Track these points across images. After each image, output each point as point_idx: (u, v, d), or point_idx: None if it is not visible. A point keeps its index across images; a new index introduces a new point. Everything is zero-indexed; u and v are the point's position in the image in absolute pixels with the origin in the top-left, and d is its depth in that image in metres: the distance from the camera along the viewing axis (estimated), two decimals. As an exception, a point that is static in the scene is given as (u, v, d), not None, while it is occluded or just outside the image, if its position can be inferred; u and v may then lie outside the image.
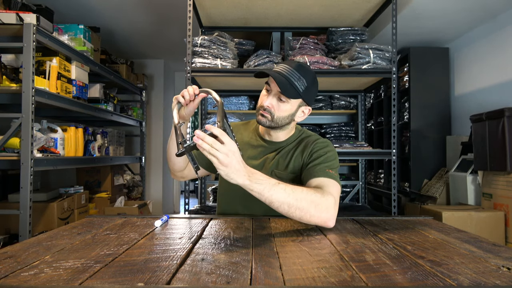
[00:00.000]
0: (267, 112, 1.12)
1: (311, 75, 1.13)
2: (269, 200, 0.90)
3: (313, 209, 0.93)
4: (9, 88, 2.05)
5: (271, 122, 1.14)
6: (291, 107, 1.13)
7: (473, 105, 3.09)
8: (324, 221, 0.95)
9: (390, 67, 2.33)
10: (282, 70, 1.10)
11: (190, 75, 2.26)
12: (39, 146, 2.13)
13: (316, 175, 1.06)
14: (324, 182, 1.04)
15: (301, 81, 1.09)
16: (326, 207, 0.94)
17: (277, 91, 1.09)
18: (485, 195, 2.54)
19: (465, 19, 2.86)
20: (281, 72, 1.09)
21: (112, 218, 1.15)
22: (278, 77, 1.07)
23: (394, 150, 2.29)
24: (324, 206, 0.94)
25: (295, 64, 1.11)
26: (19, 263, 0.67)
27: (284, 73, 1.09)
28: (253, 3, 2.39)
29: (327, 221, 0.95)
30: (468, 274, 0.61)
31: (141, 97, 4.24)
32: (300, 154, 1.18)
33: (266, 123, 1.14)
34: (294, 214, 0.93)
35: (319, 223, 0.95)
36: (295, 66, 1.10)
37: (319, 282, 0.57)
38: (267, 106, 1.11)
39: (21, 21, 2.02)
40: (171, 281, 0.58)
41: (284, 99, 1.10)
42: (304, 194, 0.93)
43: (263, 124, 1.15)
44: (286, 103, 1.11)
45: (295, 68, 1.10)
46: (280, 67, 1.12)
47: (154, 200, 4.62)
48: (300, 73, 1.09)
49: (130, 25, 3.52)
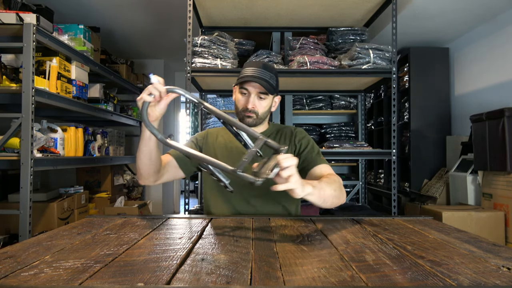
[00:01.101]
0: (252, 113, 1.25)
1: (274, 69, 1.30)
2: (324, 197, 0.99)
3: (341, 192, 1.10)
4: (9, 88, 2.05)
5: (257, 120, 1.27)
6: (268, 101, 1.28)
7: (473, 105, 3.09)
8: (344, 199, 1.12)
9: (390, 67, 2.33)
10: (258, 73, 1.23)
11: (190, 75, 2.26)
12: (39, 146, 2.13)
13: (316, 163, 1.22)
14: (325, 168, 1.20)
15: (272, 77, 1.25)
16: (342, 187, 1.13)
17: (257, 92, 1.24)
18: (485, 195, 2.54)
19: (465, 19, 2.86)
20: (258, 76, 1.22)
21: (112, 218, 1.15)
22: (259, 80, 1.21)
23: (394, 150, 2.29)
24: (342, 187, 1.12)
25: (261, 64, 1.26)
26: (19, 263, 0.67)
27: (261, 75, 1.22)
28: (253, 3, 2.39)
29: (345, 198, 1.13)
30: (468, 274, 0.61)
31: (141, 97, 4.23)
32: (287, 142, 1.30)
33: (253, 122, 1.27)
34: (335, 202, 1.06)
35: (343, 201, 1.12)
36: (263, 66, 1.25)
37: (319, 282, 0.57)
38: (252, 108, 1.25)
39: (21, 21, 2.02)
40: (171, 281, 0.58)
41: (263, 96, 1.25)
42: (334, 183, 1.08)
43: (250, 124, 1.27)
44: (266, 100, 1.26)
45: (264, 68, 1.25)
46: (253, 70, 1.24)
47: (154, 200, 4.61)
48: (268, 71, 1.25)
49: (130, 25, 3.52)
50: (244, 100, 1.26)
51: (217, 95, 3.19)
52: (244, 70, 1.27)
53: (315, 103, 3.28)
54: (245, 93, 1.26)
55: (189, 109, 2.29)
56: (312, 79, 2.49)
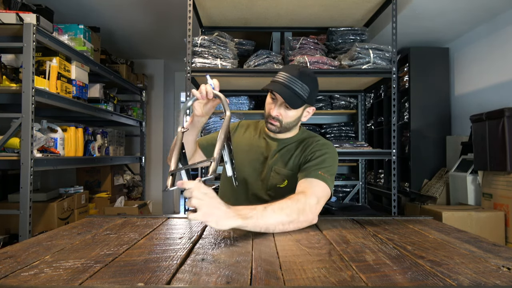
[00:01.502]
0: (276, 120, 1.18)
1: (312, 79, 1.17)
2: (265, 227, 0.91)
3: (301, 216, 0.96)
4: (9, 88, 2.05)
5: (281, 128, 1.20)
6: (297, 112, 1.18)
7: (473, 105, 3.09)
8: (310, 221, 1.00)
9: (390, 67, 2.32)
10: (285, 81, 1.13)
11: (190, 75, 2.26)
12: (39, 146, 2.13)
13: (308, 175, 1.09)
14: (311, 182, 1.07)
15: (304, 88, 1.14)
16: (309, 208, 0.98)
17: (283, 101, 1.13)
18: (485, 195, 2.54)
19: (465, 19, 2.86)
20: (285, 83, 1.13)
21: (112, 218, 1.15)
22: (283, 91, 1.12)
23: (394, 150, 2.29)
24: (308, 208, 0.98)
25: (297, 71, 1.15)
26: (19, 263, 0.67)
27: (287, 84, 1.13)
28: (253, 3, 2.39)
29: (312, 221, 1.00)
30: (468, 274, 0.61)
31: (141, 97, 4.24)
32: (300, 153, 1.22)
33: (276, 129, 1.20)
34: (288, 228, 0.95)
35: (306, 225, 0.99)
36: (297, 74, 1.14)
37: (319, 282, 0.57)
38: (276, 116, 1.17)
39: (21, 21, 2.02)
40: (171, 281, 0.58)
41: None
42: (290, 206, 0.95)
43: (273, 131, 1.22)
44: (293, 110, 1.16)
45: (297, 76, 1.13)
46: (283, 76, 1.15)
47: (154, 200, 4.61)
48: (302, 80, 1.14)
49: (130, 25, 3.52)
50: (271, 106, 1.18)
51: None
52: (277, 74, 1.18)
53: (315, 104, 3.27)
54: (274, 98, 1.18)
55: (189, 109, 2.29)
56: (312, 79, 2.49)
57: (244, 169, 1.26)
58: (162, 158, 4.79)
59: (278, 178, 1.22)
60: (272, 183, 1.22)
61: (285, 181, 1.21)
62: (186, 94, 2.26)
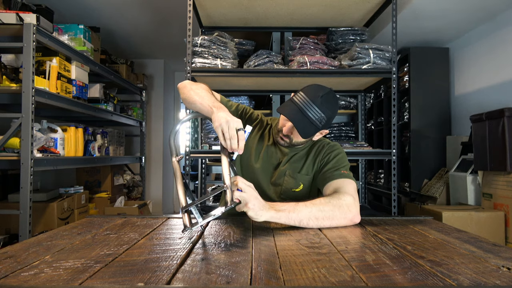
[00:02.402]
0: (286, 137, 1.17)
1: (333, 107, 1.11)
2: (298, 220, 0.95)
3: (337, 212, 0.98)
4: (9, 88, 2.05)
5: (290, 145, 1.20)
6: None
7: (473, 105, 3.09)
8: (350, 219, 1.01)
9: (390, 67, 2.32)
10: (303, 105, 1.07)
11: (190, 75, 2.26)
12: (39, 146, 2.13)
13: (332, 178, 1.12)
14: (339, 183, 1.09)
15: (321, 117, 1.08)
16: (347, 206, 1.00)
17: None
18: (485, 195, 2.54)
19: (465, 19, 2.86)
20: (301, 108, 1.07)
21: (112, 218, 1.15)
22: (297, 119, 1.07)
23: (394, 150, 2.29)
24: (345, 206, 1.00)
25: (319, 98, 1.08)
26: (19, 263, 0.67)
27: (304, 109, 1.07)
28: (253, 3, 2.39)
29: (353, 219, 1.02)
30: (468, 274, 0.61)
31: (141, 97, 4.24)
32: (313, 158, 1.23)
33: (285, 144, 1.20)
34: (323, 224, 0.97)
35: (347, 223, 1.01)
36: (318, 102, 1.07)
37: (319, 282, 0.57)
38: (286, 134, 1.16)
39: (21, 21, 2.02)
40: (171, 281, 0.58)
41: None
42: (324, 203, 0.98)
43: (282, 145, 1.21)
44: None
45: (318, 104, 1.07)
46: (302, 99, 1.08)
47: (154, 200, 4.61)
48: (321, 109, 1.07)
49: (130, 25, 3.52)
50: (283, 122, 1.16)
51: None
52: (298, 93, 1.12)
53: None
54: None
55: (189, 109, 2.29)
56: (312, 79, 2.49)
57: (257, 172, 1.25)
58: (162, 158, 4.79)
59: (292, 183, 1.21)
60: (287, 187, 1.22)
61: (301, 185, 1.22)
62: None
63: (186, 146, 2.28)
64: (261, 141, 1.29)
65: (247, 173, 1.26)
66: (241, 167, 1.28)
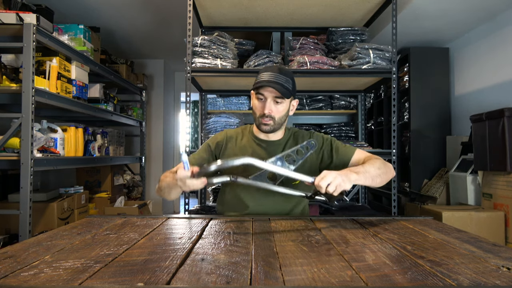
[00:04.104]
0: (269, 119, 1.26)
1: (290, 73, 1.30)
2: (371, 178, 1.11)
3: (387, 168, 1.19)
4: (9, 88, 2.05)
5: (274, 126, 1.28)
6: (285, 105, 1.28)
7: (473, 105, 3.09)
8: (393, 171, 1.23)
9: (390, 67, 2.32)
10: (273, 78, 1.23)
11: (190, 75, 2.26)
12: (39, 146, 2.13)
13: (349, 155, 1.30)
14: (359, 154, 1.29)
15: (288, 81, 1.25)
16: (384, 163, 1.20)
17: (273, 96, 1.24)
18: (485, 195, 2.54)
19: (465, 19, 2.86)
20: (273, 80, 1.23)
21: (112, 218, 1.15)
22: (274, 85, 1.21)
23: (394, 150, 2.29)
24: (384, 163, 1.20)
25: (277, 68, 1.27)
26: (19, 263, 0.67)
27: (276, 80, 1.23)
28: (253, 3, 2.39)
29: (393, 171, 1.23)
30: (468, 274, 0.61)
31: (141, 97, 4.24)
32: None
33: (270, 129, 1.28)
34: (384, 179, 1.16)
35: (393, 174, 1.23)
36: (278, 71, 1.26)
37: (319, 282, 0.57)
38: (268, 113, 1.25)
39: (21, 21, 2.02)
40: (171, 281, 0.58)
41: (279, 101, 1.25)
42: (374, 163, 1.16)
43: (267, 131, 1.29)
44: (282, 104, 1.26)
45: (280, 72, 1.25)
46: (268, 75, 1.25)
47: (154, 200, 4.61)
48: (284, 75, 1.25)
49: (130, 25, 3.52)
50: (260, 106, 1.27)
51: (217, 95, 3.19)
52: (259, 76, 1.27)
53: (315, 103, 3.28)
54: (262, 99, 1.26)
55: (189, 109, 2.29)
56: (312, 79, 2.49)
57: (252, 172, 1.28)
58: (162, 158, 4.79)
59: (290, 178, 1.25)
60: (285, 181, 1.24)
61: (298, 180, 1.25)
62: (186, 94, 2.26)
63: (186, 146, 2.28)
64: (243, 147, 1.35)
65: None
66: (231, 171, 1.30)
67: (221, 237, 0.88)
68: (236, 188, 1.31)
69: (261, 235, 0.91)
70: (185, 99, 2.27)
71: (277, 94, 1.22)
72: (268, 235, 0.91)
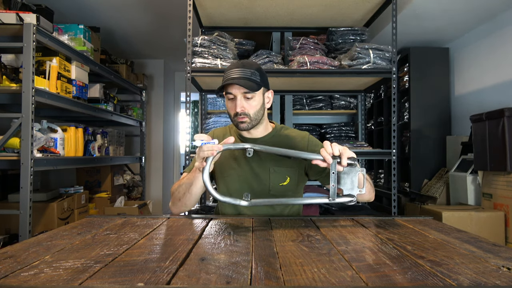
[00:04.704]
0: (244, 116, 1.21)
1: (256, 65, 1.25)
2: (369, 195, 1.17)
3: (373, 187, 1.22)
4: (9, 88, 2.05)
5: (251, 122, 1.23)
6: (258, 98, 1.23)
7: (473, 105, 3.09)
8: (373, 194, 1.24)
9: (390, 67, 2.32)
10: (237, 74, 1.19)
11: (190, 75, 2.26)
12: (39, 146, 2.13)
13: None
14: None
15: (253, 73, 1.20)
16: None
17: (242, 93, 1.19)
18: (485, 195, 2.54)
19: (465, 19, 2.86)
20: (238, 76, 1.19)
21: (112, 218, 1.15)
22: (238, 81, 1.17)
23: (394, 150, 2.29)
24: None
25: (240, 63, 1.23)
26: (19, 263, 0.67)
27: (241, 75, 1.19)
28: (253, 3, 2.39)
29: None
30: (468, 274, 0.61)
31: (141, 97, 4.24)
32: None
33: (248, 126, 1.23)
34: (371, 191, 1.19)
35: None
36: (241, 65, 1.21)
37: (319, 282, 0.57)
38: (241, 110, 1.20)
39: (21, 21, 2.02)
40: (171, 281, 0.58)
41: (250, 95, 1.20)
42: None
43: (245, 128, 1.24)
44: (254, 98, 1.21)
45: (243, 66, 1.21)
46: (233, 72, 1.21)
47: (154, 200, 4.62)
48: (248, 68, 1.20)
49: (130, 25, 3.52)
50: (232, 105, 1.23)
51: (217, 95, 3.19)
52: (224, 74, 1.23)
53: (315, 103, 3.28)
54: (232, 98, 1.22)
55: (189, 109, 2.29)
56: (312, 79, 2.49)
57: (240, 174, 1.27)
58: (162, 158, 4.79)
59: (279, 177, 1.24)
60: (274, 182, 1.24)
61: (287, 178, 1.24)
62: (186, 94, 2.26)
63: (186, 146, 2.28)
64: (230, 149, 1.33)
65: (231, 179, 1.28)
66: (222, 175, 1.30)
67: (221, 237, 0.88)
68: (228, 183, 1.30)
69: (261, 235, 0.91)
70: (185, 99, 2.27)
71: (244, 89, 1.18)
72: (268, 235, 0.91)
